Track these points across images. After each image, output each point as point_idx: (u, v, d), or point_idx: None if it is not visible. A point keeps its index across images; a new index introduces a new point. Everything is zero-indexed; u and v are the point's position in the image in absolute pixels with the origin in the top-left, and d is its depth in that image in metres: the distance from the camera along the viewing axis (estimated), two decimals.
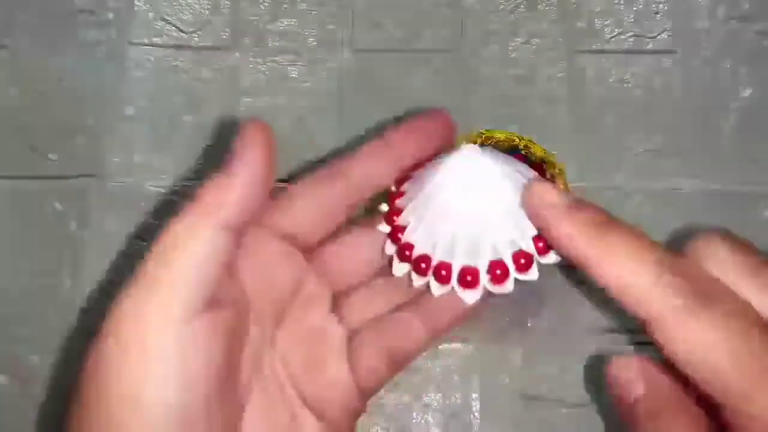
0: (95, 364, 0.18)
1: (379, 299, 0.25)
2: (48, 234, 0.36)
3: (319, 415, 0.23)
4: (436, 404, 0.34)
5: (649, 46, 0.41)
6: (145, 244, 0.24)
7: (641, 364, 0.19)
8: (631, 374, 0.19)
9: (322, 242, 0.24)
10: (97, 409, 0.18)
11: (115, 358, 0.18)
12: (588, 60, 0.40)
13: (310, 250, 0.24)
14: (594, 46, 0.41)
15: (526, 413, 0.34)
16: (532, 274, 0.21)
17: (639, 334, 0.33)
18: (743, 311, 0.17)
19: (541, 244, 0.21)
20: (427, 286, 0.22)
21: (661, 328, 0.17)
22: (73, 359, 0.26)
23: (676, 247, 0.19)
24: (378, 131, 0.25)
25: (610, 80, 0.40)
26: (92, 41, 0.40)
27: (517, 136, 0.34)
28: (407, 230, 0.22)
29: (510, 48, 0.41)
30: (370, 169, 0.24)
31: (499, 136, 0.34)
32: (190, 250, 0.19)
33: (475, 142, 0.29)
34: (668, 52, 0.40)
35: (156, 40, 0.40)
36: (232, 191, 0.19)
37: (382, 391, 0.34)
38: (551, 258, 0.22)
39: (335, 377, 0.23)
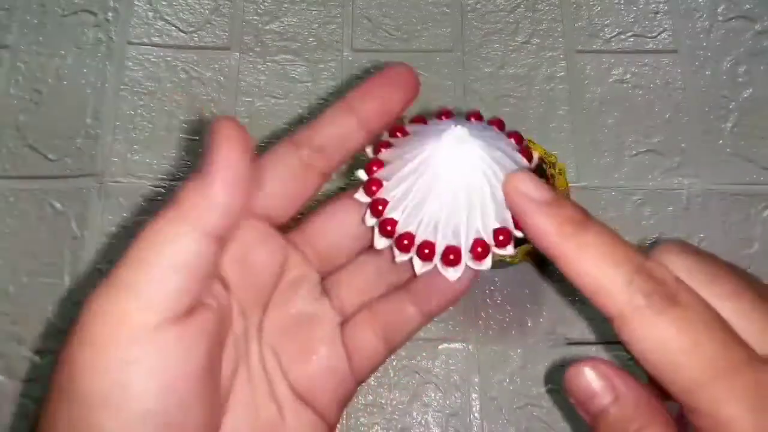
0: (69, 366, 0.18)
1: (369, 278, 0.24)
2: (48, 234, 0.36)
3: (309, 405, 0.22)
4: (436, 404, 0.34)
5: (649, 46, 0.41)
6: None
7: (607, 370, 0.19)
8: (592, 381, 0.19)
9: (300, 218, 0.23)
10: (74, 412, 0.17)
11: (90, 360, 0.17)
12: (588, 60, 0.40)
13: (287, 228, 0.23)
14: (594, 46, 0.41)
15: (525, 413, 0.34)
16: (509, 250, 0.21)
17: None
18: (705, 312, 0.17)
19: None
20: (410, 262, 0.22)
21: (629, 326, 0.17)
22: None
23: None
24: None
25: (610, 80, 0.40)
26: (92, 41, 0.40)
27: None
28: (390, 205, 0.22)
29: (510, 48, 0.41)
30: (335, 132, 0.22)
31: None
32: (170, 255, 0.18)
33: None
34: (668, 52, 0.40)
35: (156, 40, 0.40)
36: (213, 196, 0.18)
37: (382, 391, 0.35)
38: None
39: (330, 364, 0.22)
